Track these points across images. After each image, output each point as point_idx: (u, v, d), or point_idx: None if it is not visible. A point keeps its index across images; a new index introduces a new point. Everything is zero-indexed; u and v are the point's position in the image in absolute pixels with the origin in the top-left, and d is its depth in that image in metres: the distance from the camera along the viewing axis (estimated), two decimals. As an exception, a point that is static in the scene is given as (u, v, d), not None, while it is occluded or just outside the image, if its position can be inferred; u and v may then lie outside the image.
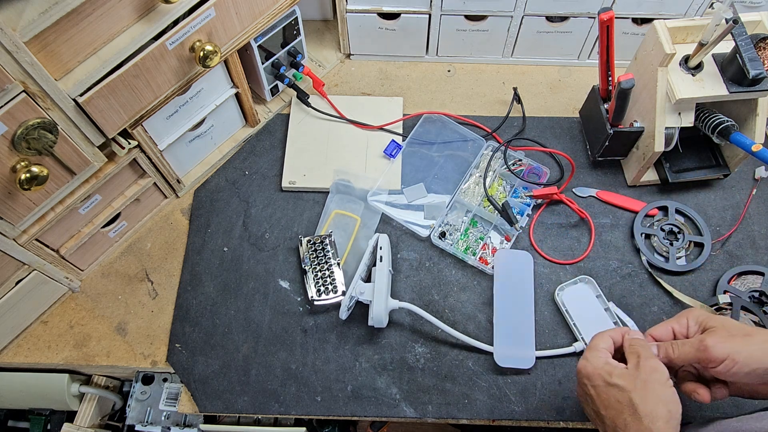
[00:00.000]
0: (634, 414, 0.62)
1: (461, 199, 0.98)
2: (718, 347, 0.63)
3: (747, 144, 0.84)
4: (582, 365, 0.68)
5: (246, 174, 1.03)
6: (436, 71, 1.14)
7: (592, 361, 0.68)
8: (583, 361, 0.68)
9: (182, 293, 0.93)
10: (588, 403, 0.69)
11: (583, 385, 0.68)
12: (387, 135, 1.06)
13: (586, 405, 0.70)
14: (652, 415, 0.61)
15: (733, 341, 0.64)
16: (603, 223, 0.98)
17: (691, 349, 0.66)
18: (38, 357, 0.90)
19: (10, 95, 0.62)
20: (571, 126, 1.07)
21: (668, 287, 0.92)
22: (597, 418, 0.67)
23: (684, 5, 1.01)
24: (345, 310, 0.86)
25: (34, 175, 0.67)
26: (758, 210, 0.99)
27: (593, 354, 0.68)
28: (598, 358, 0.68)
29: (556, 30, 1.06)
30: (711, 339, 0.64)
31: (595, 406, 0.67)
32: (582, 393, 0.70)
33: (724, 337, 0.64)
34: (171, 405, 0.93)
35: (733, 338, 0.64)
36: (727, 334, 0.65)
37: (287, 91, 1.09)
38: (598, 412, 0.66)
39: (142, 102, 0.78)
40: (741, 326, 0.66)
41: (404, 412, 0.85)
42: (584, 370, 0.68)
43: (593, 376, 0.67)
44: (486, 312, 0.92)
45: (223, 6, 0.78)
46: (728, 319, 0.68)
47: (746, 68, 0.81)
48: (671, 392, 0.63)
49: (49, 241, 0.84)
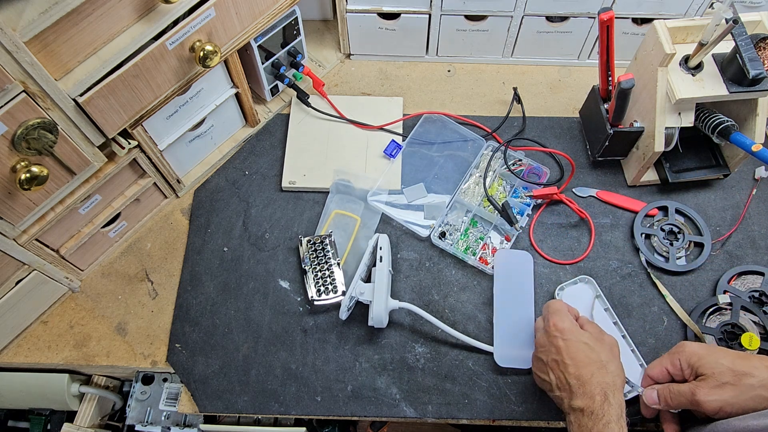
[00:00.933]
0: (602, 368, 0.70)
1: (461, 199, 0.98)
2: (710, 402, 0.68)
3: (747, 144, 0.84)
4: (558, 319, 0.75)
5: (246, 174, 1.03)
6: (436, 71, 1.14)
7: (564, 317, 0.76)
8: (556, 317, 0.76)
9: (182, 293, 0.93)
10: (551, 354, 0.74)
11: (552, 338, 0.75)
12: (387, 135, 1.06)
13: (547, 357, 0.75)
14: (616, 374, 0.71)
15: (723, 392, 0.68)
16: (603, 223, 0.98)
17: (685, 400, 0.71)
18: (38, 357, 0.90)
19: (10, 95, 0.62)
20: (571, 126, 1.07)
21: (663, 290, 0.92)
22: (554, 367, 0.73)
23: (684, 5, 1.01)
24: (345, 310, 0.86)
25: (34, 175, 0.67)
26: (758, 210, 0.99)
27: (563, 314, 0.76)
28: (569, 316, 0.76)
29: (556, 30, 1.06)
30: (702, 392, 0.69)
31: (559, 356, 0.73)
32: (547, 343, 0.75)
33: (714, 389, 0.68)
34: (171, 405, 0.93)
35: (722, 389, 0.68)
36: (716, 384, 0.68)
37: (287, 91, 1.09)
38: (561, 361, 0.72)
39: (142, 102, 0.78)
40: (731, 370, 0.69)
41: (404, 412, 0.85)
42: (560, 323, 0.75)
43: (567, 330, 0.74)
44: (486, 312, 0.92)
45: (223, 6, 0.78)
46: (719, 360, 0.70)
47: (746, 68, 0.81)
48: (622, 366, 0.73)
49: (49, 241, 0.84)
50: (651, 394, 0.75)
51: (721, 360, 0.70)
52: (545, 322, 0.78)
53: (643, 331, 0.90)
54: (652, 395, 0.75)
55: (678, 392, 0.72)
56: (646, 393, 0.76)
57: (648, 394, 0.76)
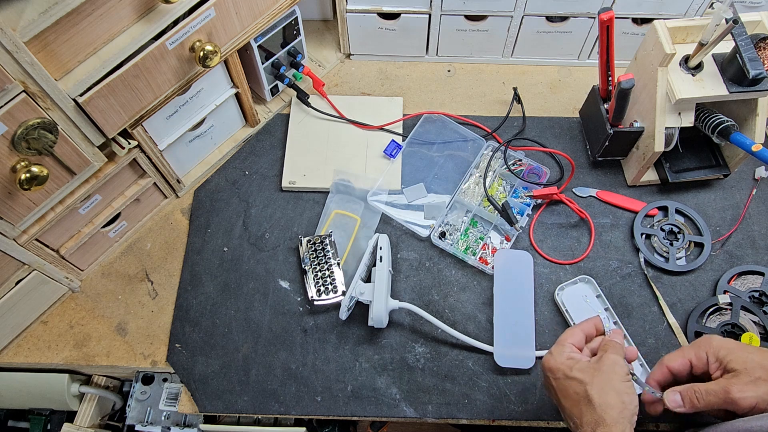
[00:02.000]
0: (588, 404, 0.65)
1: (461, 199, 0.98)
2: (746, 398, 0.63)
3: (747, 144, 0.84)
4: (546, 359, 0.71)
5: (246, 174, 1.03)
6: (436, 71, 1.14)
7: (555, 355, 0.70)
8: (548, 355, 0.71)
9: (182, 293, 0.93)
10: (552, 394, 0.72)
11: (546, 378, 0.72)
12: (387, 135, 1.06)
13: (551, 395, 0.72)
14: (606, 404, 0.64)
15: (758, 388, 0.63)
16: (603, 223, 0.98)
17: (717, 400, 0.65)
18: (38, 357, 0.90)
19: (10, 95, 0.62)
20: (571, 126, 1.07)
21: (657, 293, 0.92)
22: (559, 407, 0.71)
23: (684, 5, 1.01)
24: (345, 310, 0.86)
25: (34, 175, 0.67)
26: (758, 210, 0.99)
27: (558, 348, 0.71)
28: (562, 353, 0.70)
29: (556, 30, 1.06)
30: (736, 388, 0.64)
31: (557, 397, 0.70)
32: (547, 384, 0.73)
33: (748, 384, 0.64)
34: (171, 405, 0.93)
35: (757, 384, 0.63)
36: (750, 380, 0.64)
37: (287, 91, 1.09)
38: (559, 402, 0.70)
39: (142, 102, 0.78)
40: (761, 365, 0.65)
41: (404, 412, 0.85)
42: (546, 363, 0.71)
43: (555, 369, 0.69)
44: (486, 312, 0.92)
45: (223, 6, 0.78)
46: (749, 355, 0.66)
47: (746, 68, 0.81)
48: (627, 386, 0.66)
49: (49, 241, 0.84)
50: (674, 397, 0.69)
51: (752, 355, 0.65)
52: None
53: (643, 331, 0.90)
54: (675, 398, 0.69)
55: (707, 391, 0.66)
56: (668, 397, 0.69)
57: (671, 398, 0.69)
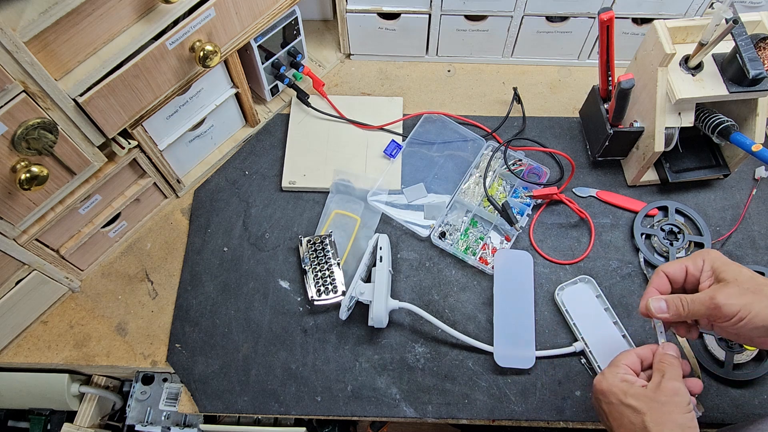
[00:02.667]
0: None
1: (461, 199, 0.98)
2: (729, 305, 0.63)
3: (747, 144, 0.84)
4: (597, 380, 0.68)
5: (246, 174, 1.03)
6: (436, 71, 1.14)
7: (608, 377, 0.67)
8: (600, 376, 0.68)
9: (182, 293, 0.93)
10: (603, 418, 0.68)
11: (597, 400, 0.68)
12: (387, 135, 1.06)
13: (601, 419, 0.69)
14: None
15: (743, 297, 0.63)
16: (603, 223, 0.98)
17: (702, 307, 0.66)
18: (38, 357, 0.90)
19: (10, 95, 0.62)
20: (571, 126, 1.07)
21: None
22: (604, 421, 0.67)
23: (684, 5, 1.01)
24: (345, 310, 0.86)
25: (34, 175, 0.67)
26: (758, 210, 0.99)
27: (611, 370, 0.68)
28: (615, 375, 0.67)
29: (556, 30, 1.06)
30: (722, 296, 0.64)
31: (608, 423, 0.66)
32: (597, 407, 0.69)
33: (734, 293, 0.64)
34: (171, 405, 0.93)
35: (743, 294, 0.64)
36: (738, 291, 0.64)
37: (287, 91, 1.09)
38: (611, 428, 0.66)
39: (142, 102, 0.78)
40: (753, 279, 0.65)
41: (404, 412, 0.85)
42: (598, 385, 0.67)
43: (607, 393, 0.66)
44: (486, 312, 0.92)
45: (223, 6, 0.78)
46: (742, 270, 0.66)
47: (746, 68, 0.81)
48: (690, 417, 0.62)
49: (49, 241, 0.84)
50: (659, 304, 0.69)
51: (745, 270, 0.66)
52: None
53: (643, 330, 0.90)
54: (660, 305, 0.69)
55: (693, 300, 0.67)
56: (653, 304, 0.69)
57: (656, 305, 0.69)
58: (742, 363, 0.86)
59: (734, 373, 0.85)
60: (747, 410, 0.84)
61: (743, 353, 0.86)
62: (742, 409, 0.84)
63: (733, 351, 0.86)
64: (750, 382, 0.86)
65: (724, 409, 0.84)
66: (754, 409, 0.84)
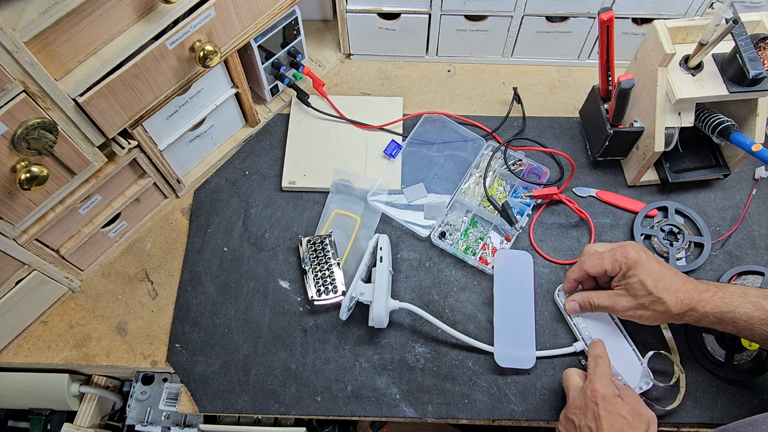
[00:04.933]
0: None
1: (461, 199, 0.98)
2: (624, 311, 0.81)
3: (747, 144, 0.84)
4: (599, 386, 0.73)
5: (246, 174, 1.03)
6: (436, 71, 1.14)
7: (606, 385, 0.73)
8: (598, 383, 0.73)
9: (182, 293, 0.93)
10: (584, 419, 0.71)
11: (593, 403, 0.72)
12: (387, 135, 1.06)
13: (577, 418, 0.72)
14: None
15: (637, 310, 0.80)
16: (603, 224, 0.98)
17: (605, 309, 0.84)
18: (38, 357, 0.90)
19: (10, 95, 0.62)
20: (571, 126, 1.07)
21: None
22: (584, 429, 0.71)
23: (684, 5, 1.01)
24: (345, 310, 0.86)
25: (34, 175, 0.67)
26: (758, 210, 0.99)
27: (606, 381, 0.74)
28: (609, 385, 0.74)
29: (556, 30, 1.06)
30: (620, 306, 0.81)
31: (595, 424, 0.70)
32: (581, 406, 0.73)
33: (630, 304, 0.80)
34: (171, 405, 0.93)
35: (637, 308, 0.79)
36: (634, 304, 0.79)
37: (287, 91, 1.09)
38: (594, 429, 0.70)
39: (142, 102, 0.78)
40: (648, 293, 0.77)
41: (404, 412, 0.85)
42: (603, 390, 0.72)
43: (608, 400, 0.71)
44: (486, 312, 0.92)
45: (223, 6, 0.78)
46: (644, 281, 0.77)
47: (746, 68, 0.81)
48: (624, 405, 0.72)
49: (49, 241, 0.84)
50: (573, 306, 0.87)
51: (647, 281, 0.77)
52: (587, 383, 0.75)
53: (643, 330, 0.90)
54: (574, 306, 0.87)
55: (598, 305, 0.84)
56: (568, 306, 0.88)
57: (570, 306, 0.87)
58: (741, 363, 0.86)
59: (734, 373, 0.85)
60: (747, 410, 0.84)
61: (743, 353, 0.86)
62: (741, 409, 0.84)
63: (732, 351, 0.86)
64: (750, 382, 0.86)
65: (723, 409, 0.84)
66: (754, 408, 0.84)
